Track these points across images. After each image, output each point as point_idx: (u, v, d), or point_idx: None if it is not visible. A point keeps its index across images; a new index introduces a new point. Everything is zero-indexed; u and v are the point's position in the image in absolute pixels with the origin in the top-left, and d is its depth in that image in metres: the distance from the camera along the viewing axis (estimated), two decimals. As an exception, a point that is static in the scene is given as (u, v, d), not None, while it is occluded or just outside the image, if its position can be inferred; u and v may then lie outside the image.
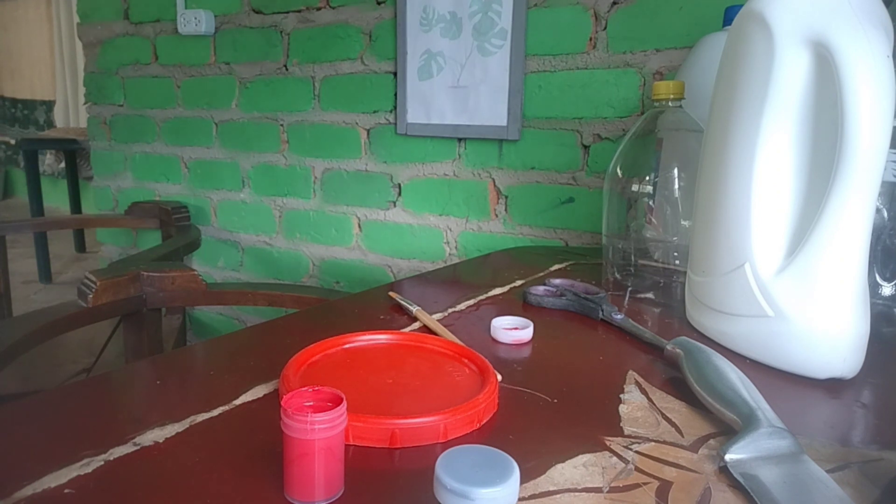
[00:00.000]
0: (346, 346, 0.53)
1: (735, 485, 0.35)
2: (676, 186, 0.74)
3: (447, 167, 1.34)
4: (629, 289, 0.76)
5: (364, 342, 0.54)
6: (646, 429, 0.42)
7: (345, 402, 0.33)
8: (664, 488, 0.35)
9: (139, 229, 1.92)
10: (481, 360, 0.49)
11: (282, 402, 0.33)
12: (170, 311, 1.52)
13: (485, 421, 0.42)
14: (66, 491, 0.33)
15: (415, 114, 1.34)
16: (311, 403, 0.34)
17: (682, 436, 0.41)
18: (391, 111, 1.39)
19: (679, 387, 0.48)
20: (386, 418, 0.39)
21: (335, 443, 0.33)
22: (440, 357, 0.51)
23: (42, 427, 0.41)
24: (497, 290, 0.76)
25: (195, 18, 1.60)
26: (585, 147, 1.18)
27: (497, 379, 0.46)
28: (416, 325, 0.63)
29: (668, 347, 0.52)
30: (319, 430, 0.32)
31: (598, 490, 0.35)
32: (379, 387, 0.46)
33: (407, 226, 1.42)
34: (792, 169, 0.52)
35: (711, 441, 0.40)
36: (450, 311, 0.67)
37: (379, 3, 1.36)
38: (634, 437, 0.41)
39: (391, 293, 0.70)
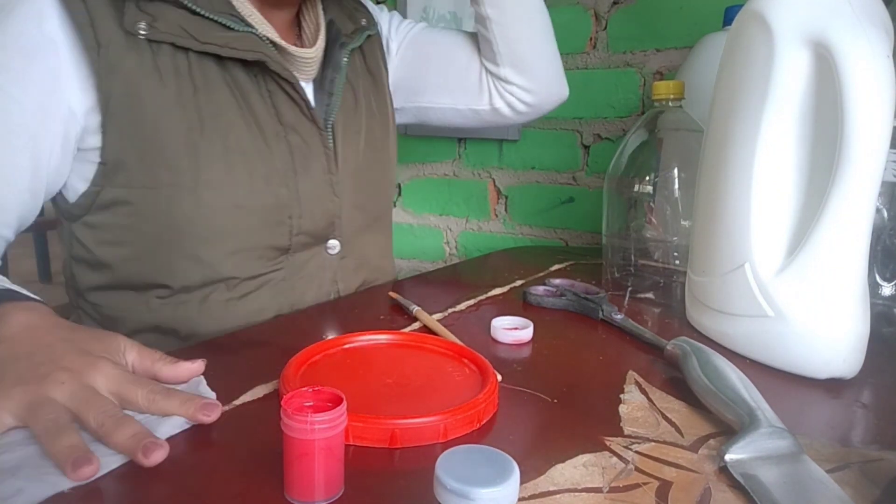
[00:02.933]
0: (346, 346, 0.53)
1: (735, 485, 0.35)
2: (676, 186, 0.74)
3: (447, 167, 1.34)
4: (629, 289, 0.76)
5: (364, 342, 0.54)
6: (646, 429, 0.42)
7: (345, 403, 0.33)
8: (664, 488, 0.35)
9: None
10: (481, 360, 0.49)
11: (282, 403, 0.33)
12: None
13: (485, 421, 0.42)
14: (66, 491, 0.33)
15: (415, 114, 1.33)
16: (311, 404, 0.34)
17: (682, 436, 0.41)
18: (391, 111, 1.39)
19: (679, 387, 0.48)
20: (386, 418, 0.39)
21: (335, 443, 0.33)
22: (440, 357, 0.51)
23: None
24: (497, 290, 0.76)
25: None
26: (585, 147, 1.18)
27: (497, 379, 0.46)
28: (416, 325, 0.63)
29: (668, 347, 0.52)
30: (319, 431, 0.32)
31: (598, 490, 0.35)
32: (379, 387, 0.46)
33: (407, 226, 1.42)
34: (792, 169, 0.52)
35: (711, 441, 0.40)
36: (450, 311, 0.67)
37: (379, 3, 1.36)
38: (634, 437, 0.41)
39: (391, 293, 0.70)
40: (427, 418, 0.40)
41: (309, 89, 0.73)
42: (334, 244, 0.73)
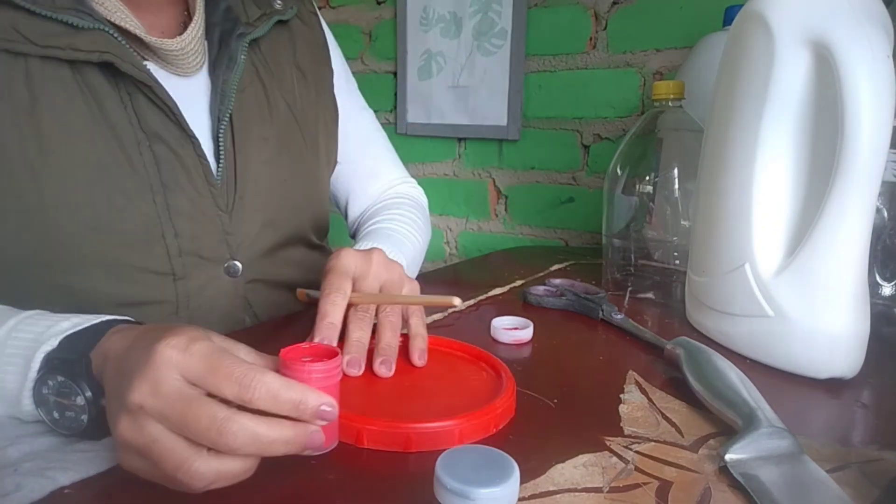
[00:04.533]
0: None
1: (735, 485, 0.35)
2: (676, 186, 0.74)
3: (447, 167, 1.34)
4: (629, 289, 0.76)
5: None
6: (646, 429, 0.42)
7: (340, 356, 0.35)
8: (664, 488, 0.35)
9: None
10: (496, 362, 0.48)
11: (280, 354, 0.33)
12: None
13: (502, 426, 0.42)
14: (65, 491, 0.33)
15: (415, 114, 1.34)
16: (309, 359, 0.35)
17: (682, 436, 0.41)
18: (391, 111, 1.39)
19: (679, 387, 0.48)
20: (401, 422, 0.39)
21: (331, 394, 0.33)
22: (455, 359, 0.51)
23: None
24: (497, 290, 0.76)
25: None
26: (585, 147, 1.18)
27: (514, 383, 0.45)
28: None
29: (668, 347, 0.52)
30: (316, 379, 0.33)
31: (598, 490, 0.35)
32: (394, 389, 0.46)
33: (407, 226, 1.41)
34: (792, 169, 0.52)
35: (711, 441, 0.41)
36: (450, 311, 0.67)
37: (379, 3, 1.36)
38: (634, 437, 0.41)
39: (300, 290, 0.64)
40: (443, 422, 0.39)
41: (206, 88, 0.64)
42: (236, 266, 0.63)
